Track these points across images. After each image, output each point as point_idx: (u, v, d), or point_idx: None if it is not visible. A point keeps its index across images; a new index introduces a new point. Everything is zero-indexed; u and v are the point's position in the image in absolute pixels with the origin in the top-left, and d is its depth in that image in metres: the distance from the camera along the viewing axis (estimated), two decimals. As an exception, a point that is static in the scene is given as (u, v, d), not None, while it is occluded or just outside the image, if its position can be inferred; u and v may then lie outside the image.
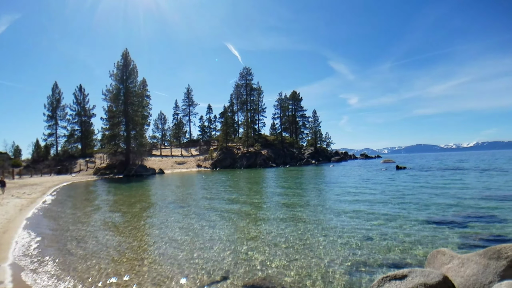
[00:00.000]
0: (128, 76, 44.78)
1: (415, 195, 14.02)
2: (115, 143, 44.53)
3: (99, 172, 41.39)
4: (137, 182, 28.70)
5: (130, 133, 44.66)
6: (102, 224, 10.25)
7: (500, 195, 12.99)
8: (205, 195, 17.27)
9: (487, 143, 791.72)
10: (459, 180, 20.15)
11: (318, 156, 68.67)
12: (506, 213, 9.37)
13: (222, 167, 54.29)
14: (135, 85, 46.41)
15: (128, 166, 41.86)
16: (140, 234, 8.67)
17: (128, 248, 7.21)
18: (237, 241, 7.50)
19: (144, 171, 41.85)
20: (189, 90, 78.07)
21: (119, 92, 44.15)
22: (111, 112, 44.16)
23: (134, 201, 15.63)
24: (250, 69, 75.57)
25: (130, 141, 44.60)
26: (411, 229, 8.00)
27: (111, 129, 44.39)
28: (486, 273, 3.75)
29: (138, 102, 46.22)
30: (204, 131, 77.22)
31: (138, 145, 45.40)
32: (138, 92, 47.12)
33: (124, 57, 44.70)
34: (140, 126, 46.21)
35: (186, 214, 11.33)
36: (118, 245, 7.55)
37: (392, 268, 5.42)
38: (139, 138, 46.03)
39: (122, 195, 18.98)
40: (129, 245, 7.55)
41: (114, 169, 42.43)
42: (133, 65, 45.26)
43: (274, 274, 5.40)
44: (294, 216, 10.36)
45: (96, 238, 8.31)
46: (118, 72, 44.31)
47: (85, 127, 56.13)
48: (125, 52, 44.92)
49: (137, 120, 44.84)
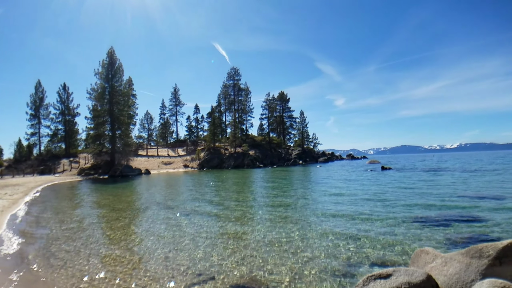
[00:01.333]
0: (114, 74, 44.10)
1: (399, 195, 14.21)
2: (100, 143, 43.81)
3: (84, 173, 40.62)
4: (123, 183, 28.29)
5: (115, 133, 43.98)
6: (85, 226, 10.04)
7: (481, 195, 13.29)
8: (192, 196, 17.14)
9: (470, 144, 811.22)
10: (442, 180, 20.54)
11: (305, 156, 69.11)
12: (487, 213, 9.58)
13: (209, 168, 54.05)
14: (121, 84, 45.72)
15: (113, 167, 41.21)
16: (126, 239, 8.51)
17: (110, 250, 7.08)
18: (224, 243, 7.44)
19: (129, 171, 41.28)
20: (176, 90, 77.62)
21: (104, 91, 43.41)
22: (96, 111, 43.42)
23: (119, 203, 15.39)
24: (238, 69, 75.63)
25: (115, 141, 43.93)
26: (395, 229, 8.09)
27: (96, 128, 43.65)
28: (468, 272, 3.81)
29: (124, 101, 45.55)
30: (191, 131, 76.82)
31: (123, 145, 44.76)
32: (124, 91, 46.42)
33: (109, 55, 44.01)
34: (125, 126, 45.57)
35: (172, 216, 11.19)
36: (100, 251, 7.40)
37: (377, 267, 5.46)
38: (125, 138, 45.39)
39: (106, 196, 18.67)
40: (112, 250, 7.41)
41: (99, 169, 41.71)
42: (119, 64, 44.63)
43: (261, 274, 5.37)
44: (281, 217, 10.36)
45: (80, 240, 8.14)
46: (103, 70, 43.58)
47: (69, 127, 55.09)
48: (110, 50, 44.24)
49: (122, 119, 44.20)
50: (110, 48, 44.37)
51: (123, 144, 44.79)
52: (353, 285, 4.83)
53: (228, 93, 75.75)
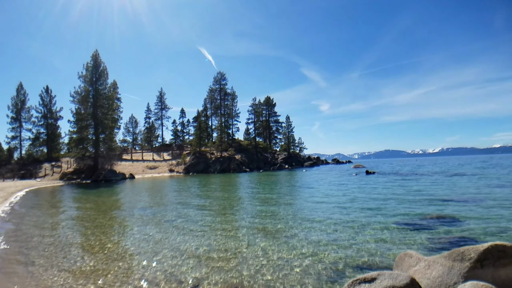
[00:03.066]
0: (98, 77, 43.38)
1: (383, 199, 14.39)
2: (83, 147, 42.85)
3: (66, 177, 39.66)
4: (106, 188, 27.76)
5: (99, 137, 43.17)
6: (67, 232, 9.79)
7: (462, 199, 13.58)
8: (178, 201, 16.96)
9: (451, 149, 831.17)
10: (424, 184, 20.92)
11: (291, 161, 69.34)
12: (469, 216, 9.79)
13: (195, 172, 53.62)
14: (105, 87, 44.93)
15: (97, 171, 40.40)
16: (108, 246, 8.34)
17: (91, 254, 6.91)
18: (210, 250, 7.36)
19: (113, 176, 40.53)
20: (162, 94, 76.82)
21: (88, 94, 42.61)
22: (79, 114, 42.49)
23: (102, 209, 15.10)
24: (224, 73, 75.55)
25: (99, 145, 43.11)
26: (379, 232, 8.17)
27: (79, 132, 42.68)
28: (451, 275, 3.86)
29: (108, 104, 44.76)
30: (177, 135, 76.18)
31: (107, 149, 43.96)
32: (108, 94, 45.63)
33: (94, 58, 43.30)
34: (109, 130, 44.80)
35: (157, 223, 11.02)
36: (80, 258, 7.22)
37: (362, 271, 5.49)
38: (109, 142, 44.61)
39: (88, 201, 18.27)
40: (94, 255, 7.24)
41: (81, 174, 40.79)
42: (103, 67, 43.95)
43: (246, 280, 5.33)
44: (267, 221, 10.35)
45: (59, 245, 7.92)
46: (87, 73, 42.80)
47: (52, 130, 53.75)
48: (95, 53, 43.55)
49: (106, 123, 43.46)
50: (95, 51, 43.68)
51: (107, 148, 44.01)
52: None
53: (214, 98, 75.53)
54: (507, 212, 10.20)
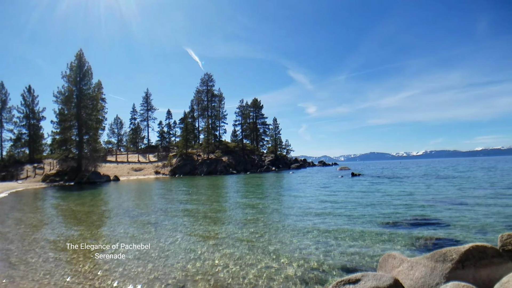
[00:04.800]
0: (82, 77, 42.61)
1: (368, 201, 14.55)
2: (66, 148, 41.98)
3: (49, 179, 38.77)
4: (90, 190, 27.23)
5: (82, 138, 42.38)
6: (49, 237, 9.55)
7: (445, 200, 13.85)
8: (163, 205, 16.78)
9: (434, 151, 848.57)
10: (408, 186, 21.26)
11: (278, 163, 69.54)
12: (451, 217, 9.99)
13: (181, 174, 53.20)
14: (90, 87, 44.17)
15: (80, 173, 39.62)
16: (93, 249, 8.16)
17: (74, 254, 6.75)
18: (196, 253, 7.29)
19: (97, 178, 39.82)
20: (148, 94, 76.06)
21: (71, 94, 41.79)
22: (63, 115, 41.62)
23: (84, 212, 14.80)
24: (211, 75, 75.33)
25: (82, 146, 42.31)
26: (363, 234, 8.24)
27: (62, 133, 41.81)
28: (433, 275, 3.91)
29: (93, 105, 44.02)
30: (163, 136, 75.43)
31: (91, 150, 43.17)
32: (93, 94, 44.88)
33: (78, 57, 42.52)
34: (94, 131, 44.05)
35: (141, 226, 10.87)
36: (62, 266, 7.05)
37: (346, 272, 5.51)
38: (93, 143, 43.81)
39: (71, 204, 17.88)
40: (77, 257, 7.07)
41: (64, 176, 39.95)
42: (88, 67, 43.20)
43: (231, 282, 5.29)
44: (253, 223, 10.33)
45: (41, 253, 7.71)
46: (71, 73, 42.00)
47: (34, 131, 52.41)
48: (79, 53, 42.78)
49: (90, 124, 42.72)
50: (79, 50, 42.91)
51: (91, 149, 43.22)
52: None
53: (201, 99, 75.14)
54: (488, 214, 10.44)
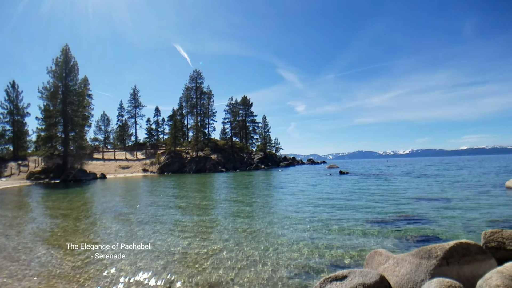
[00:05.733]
0: (68, 73, 41.74)
1: (355, 199, 14.73)
2: (52, 145, 41.12)
3: (33, 177, 37.92)
4: (75, 188, 26.80)
5: (68, 135, 41.55)
6: (32, 237, 9.37)
7: (430, 198, 14.11)
8: (151, 203, 16.65)
9: (420, 150, 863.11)
10: (394, 184, 21.57)
11: (267, 161, 69.64)
12: (435, 215, 10.18)
13: (170, 172, 52.80)
14: (76, 83, 43.28)
15: (66, 170, 38.91)
16: (78, 249, 8.04)
17: (57, 257, 6.63)
18: (183, 254, 7.25)
19: (83, 175, 39.20)
20: (136, 91, 74.91)
21: (57, 90, 40.88)
22: (48, 111, 40.72)
23: (70, 211, 14.57)
24: (200, 72, 74.70)
25: (68, 143, 41.50)
26: (351, 231, 8.33)
27: (47, 129, 40.92)
28: (418, 272, 3.98)
29: (79, 101, 43.20)
30: (151, 134, 74.65)
31: (77, 147, 42.36)
32: (79, 90, 44.02)
33: (64, 52, 41.59)
34: (80, 127, 43.21)
35: (128, 226, 10.74)
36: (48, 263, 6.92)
37: (334, 269, 5.56)
38: (79, 140, 42.97)
39: (56, 202, 17.59)
40: (61, 259, 6.96)
41: (50, 173, 39.13)
42: (74, 62, 42.31)
43: (219, 281, 5.28)
44: (241, 221, 10.33)
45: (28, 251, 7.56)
46: (57, 68, 41.07)
47: (18, 127, 51.17)
48: (65, 48, 41.86)
49: (76, 120, 41.91)
50: (65, 46, 41.98)
51: (77, 146, 42.41)
52: (310, 287, 4.88)
53: (190, 96, 74.54)
54: (472, 211, 10.67)
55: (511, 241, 4.52)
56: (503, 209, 10.88)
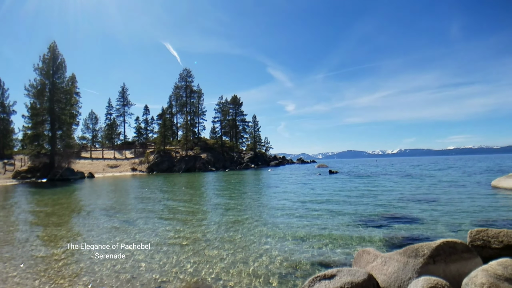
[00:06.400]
0: (55, 70, 41.01)
1: (343, 198, 14.86)
2: (39, 143, 40.35)
3: (20, 176, 37.18)
4: (63, 187, 26.39)
5: (55, 133, 40.85)
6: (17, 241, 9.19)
7: (417, 198, 14.31)
8: (138, 203, 16.50)
9: (408, 150, 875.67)
10: (383, 184, 21.84)
11: (257, 160, 69.72)
12: (423, 214, 10.33)
13: (159, 171, 52.42)
14: (63, 81, 42.53)
15: (53, 169, 38.25)
16: (63, 249, 7.92)
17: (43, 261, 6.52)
18: (172, 253, 7.20)
19: (71, 175, 38.62)
20: (124, 89, 74.15)
21: (44, 88, 40.13)
22: (35, 109, 39.94)
23: (56, 210, 14.33)
24: (190, 70, 74.29)
25: (55, 142, 40.80)
26: (339, 230, 8.40)
27: (34, 128, 40.14)
28: (405, 270, 4.02)
29: (66, 99, 42.47)
30: (140, 133, 73.86)
31: (64, 146, 41.67)
32: (66, 88, 43.29)
33: (51, 49, 40.85)
34: (67, 126, 42.49)
35: (115, 226, 10.62)
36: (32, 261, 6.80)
37: (322, 268, 5.59)
38: (66, 138, 42.28)
39: (43, 202, 17.29)
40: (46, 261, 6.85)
41: (36, 172, 38.43)
42: (62, 59, 41.59)
43: (208, 279, 5.26)
44: (230, 220, 10.31)
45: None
46: (44, 66, 40.30)
47: (4, 125, 50.04)
48: (52, 45, 41.13)
49: (64, 119, 41.18)
50: (52, 42, 41.25)
51: (64, 145, 41.73)
52: (299, 286, 4.89)
53: (180, 95, 74.01)
54: (458, 210, 10.85)
55: (496, 239, 4.60)
56: (489, 208, 11.10)
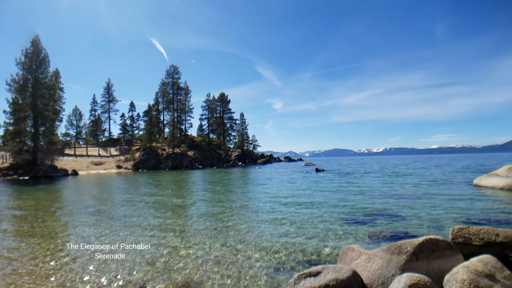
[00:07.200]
0: (39, 65, 40.08)
1: (329, 196, 15.01)
2: (21, 140, 39.39)
3: (1, 173, 36.25)
4: (46, 185, 25.83)
5: (38, 129, 39.96)
6: None
7: (402, 195, 14.57)
8: (123, 201, 16.30)
9: (393, 149, 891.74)
10: (368, 182, 22.11)
11: (244, 158, 69.78)
12: (406, 211, 10.52)
13: (145, 169, 51.86)
14: (46, 76, 41.59)
15: (36, 167, 37.45)
16: (48, 248, 7.76)
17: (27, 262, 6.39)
18: (157, 251, 7.14)
19: (54, 172, 37.85)
20: (109, 85, 73.04)
21: (27, 83, 39.19)
22: (17, 104, 38.93)
23: (39, 209, 14.03)
24: (177, 67, 73.64)
25: (38, 138, 39.93)
26: (325, 228, 8.48)
27: (16, 124, 39.14)
28: (389, 267, 4.10)
29: (49, 95, 41.55)
30: (125, 129, 72.88)
31: (48, 143, 40.82)
32: (50, 83, 42.31)
33: (34, 44, 39.88)
34: (50, 122, 41.59)
35: (100, 225, 10.47)
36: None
37: (307, 265, 5.64)
38: (49, 135, 41.40)
39: (26, 200, 16.90)
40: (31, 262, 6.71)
41: (18, 169, 37.56)
42: (45, 54, 40.69)
43: (195, 279, 5.24)
44: (217, 219, 10.29)
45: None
46: (26, 60, 39.33)
47: (-16, 121, 48.82)
48: (35, 39, 40.16)
49: (47, 115, 40.32)
50: (35, 36, 40.28)
51: (47, 142, 40.88)
52: (285, 284, 4.92)
53: (166, 92, 73.29)
54: (441, 208, 11.10)
55: (477, 237, 4.73)
56: (471, 206, 11.38)
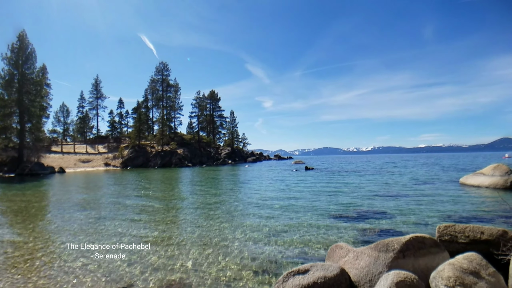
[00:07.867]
0: (25, 60, 39.30)
1: (318, 194, 15.17)
2: (6, 136, 38.61)
3: (-15, 170, 35.57)
4: (32, 183, 25.39)
5: (24, 126, 39.24)
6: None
7: (389, 194, 14.79)
8: (109, 200, 16.15)
9: (382, 147, 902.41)
10: (356, 180, 22.38)
11: (234, 156, 69.71)
12: (394, 210, 10.70)
13: (133, 166, 51.39)
14: (33, 72, 40.79)
15: (22, 164, 36.78)
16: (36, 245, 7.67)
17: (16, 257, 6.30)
18: (146, 250, 7.11)
19: (40, 169, 37.26)
20: (98, 81, 71.76)
21: (12, 78, 38.42)
22: (2, 100, 38.07)
23: (25, 207, 13.81)
24: (167, 64, 73.17)
25: (24, 135, 39.22)
26: (313, 226, 8.58)
27: (1, 120, 38.25)
28: (376, 265, 4.18)
29: (36, 90, 40.76)
30: (114, 127, 71.89)
31: (34, 139, 40.11)
32: (37, 79, 41.50)
33: (20, 38, 39.06)
34: (37, 118, 40.83)
35: (89, 222, 10.37)
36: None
37: (296, 263, 5.71)
38: (36, 131, 40.66)
39: (12, 198, 16.60)
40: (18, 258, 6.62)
41: (4, 166, 36.82)
42: (31, 49, 39.90)
43: (183, 277, 5.25)
44: (206, 216, 10.29)
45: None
46: (12, 55, 38.52)
47: (-32, 117, 47.59)
48: (22, 33, 39.33)
49: (33, 111, 39.57)
50: (22, 31, 39.44)
51: (34, 138, 40.16)
52: (273, 281, 4.97)
53: (156, 89, 72.68)
54: (428, 206, 11.32)
55: (462, 234, 4.86)
56: (457, 204, 11.63)
